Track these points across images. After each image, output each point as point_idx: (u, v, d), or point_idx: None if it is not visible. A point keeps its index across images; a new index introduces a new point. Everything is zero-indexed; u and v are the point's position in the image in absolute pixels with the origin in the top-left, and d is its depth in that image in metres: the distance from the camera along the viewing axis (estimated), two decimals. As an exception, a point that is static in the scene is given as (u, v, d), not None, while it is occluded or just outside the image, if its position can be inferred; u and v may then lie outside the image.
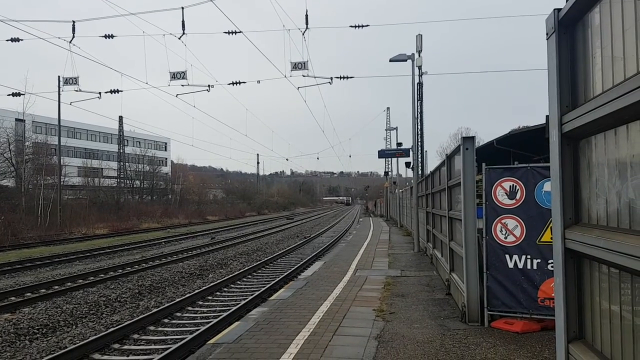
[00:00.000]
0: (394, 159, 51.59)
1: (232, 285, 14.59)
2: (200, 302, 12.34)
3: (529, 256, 7.26)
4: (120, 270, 17.39)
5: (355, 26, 21.15)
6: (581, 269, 2.48)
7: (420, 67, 23.26)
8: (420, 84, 26.95)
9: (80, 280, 15.47)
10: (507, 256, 7.39)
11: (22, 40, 21.72)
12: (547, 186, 7.05)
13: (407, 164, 27.45)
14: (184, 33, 20.61)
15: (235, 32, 20.68)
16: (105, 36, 21.99)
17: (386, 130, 57.32)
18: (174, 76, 23.41)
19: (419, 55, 21.71)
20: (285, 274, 15.59)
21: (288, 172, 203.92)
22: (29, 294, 13.39)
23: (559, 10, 2.51)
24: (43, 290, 13.91)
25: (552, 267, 6.86)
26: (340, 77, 23.96)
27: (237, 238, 31.23)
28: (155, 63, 31.06)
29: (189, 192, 77.53)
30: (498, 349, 6.56)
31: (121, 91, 25.59)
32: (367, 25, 21.08)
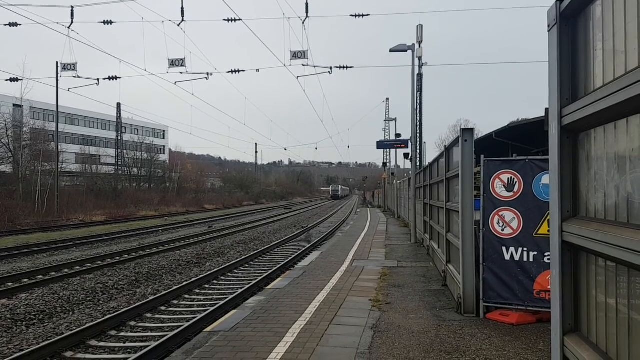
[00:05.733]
0: (393, 150, 51.58)
1: (229, 274, 14.63)
2: (197, 290, 12.38)
3: (525, 249, 7.29)
4: (118, 258, 17.41)
5: (356, 15, 21.05)
6: (578, 262, 2.48)
7: (420, 58, 23.18)
8: (420, 75, 26.86)
9: (77, 267, 15.49)
10: (504, 248, 7.41)
11: (20, 25, 21.60)
12: (545, 179, 7.05)
13: (406, 155, 27.45)
14: (183, 20, 20.51)
15: (235, 20, 20.56)
16: (104, 22, 21.86)
17: (385, 121, 57.27)
18: (173, 63, 23.30)
19: (419, 46, 21.61)
20: (282, 263, 15.63)
21: (286, 162, 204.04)
22: (26, 280, 13.41)
23: (561, 2, 2.49)
24: (40, 277, 13.93)
25: (548, 259, 6.89)
26: (340, 67, 23.86)
27: (235, 227, 31.27)
28: (154, 50, 30.89)
29: (187, 181, 77.50)
30: (493, 340, 6.60)
31: (119, 78, 25.49)
32: (368, 15, 20.98)
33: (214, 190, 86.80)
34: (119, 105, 66.47)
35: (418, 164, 24.77)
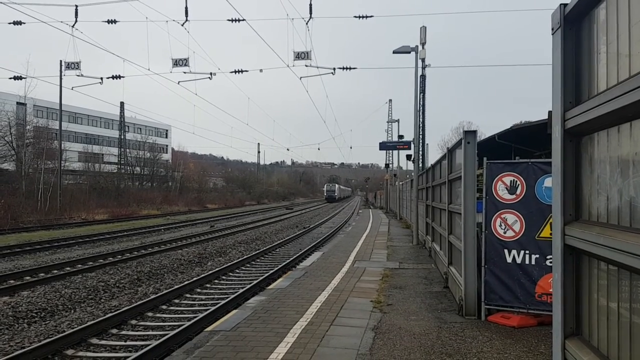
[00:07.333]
0: (395, 151, 51.53)
1: (231, 274, 14.63)
2: (199, 290, 12.39)
3: (527, 251, 7.28)
4: (120, 256, 17.44)
5: (360, 16, 21.04)
6: (580, 265, 2.48)
7: (423, 60, 23.19)
8: (423, 77, 26.88)
9: (79, 265, 15.53)
10: (506, 251, 7.40)
11: (24, 23, 21.65)
12: (547, 182, 7.05)
13: (408, 157, 27.45)
14: (187, 19, 20.55)
15: (239, 20, 20.59)
16: (108, 21, 21.91)
17: (388, 122, 57.20)
18: (176, 63, 23.37)
19: (423, 48, 21.64)
20: (284, 263, 15.63)
21: (289, 162, 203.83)
22: (28, 278, 13.44)
23: (565, 5, 2.49)
24: (42, 274, 13.96)
25: (550, 262, 6.88)
26: (343, 68, 23.87)
27: (237, 227, 31.28)
28: (158, 49, 30.92)
29: (189, 180, 77.58)
30: (494, 343, 6.60)
31: (123, 77, 25.56)
32: (371, 16, 20.97)
33: (216, 190, 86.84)
34: (122, 104, 66.56)
35: (420, 165, 24.77)
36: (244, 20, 20.68)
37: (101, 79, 25.66)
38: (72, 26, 20.91)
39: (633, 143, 1.97)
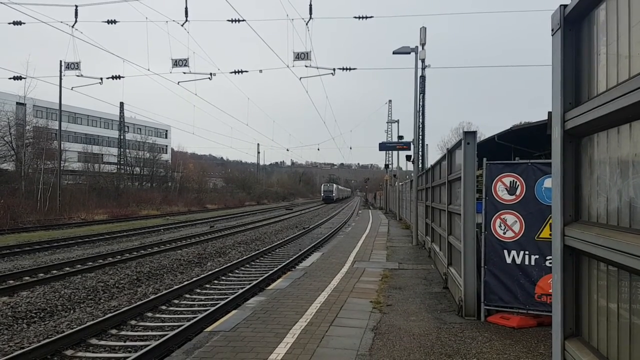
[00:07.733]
0: (395, 152, 51.50)
1: (230, 274, 14.63)
2: (198, 290, 12.39)
3: (527, 252, 7.28)
4: (119, 257, 17.43)
5: (359, 17, 21.04)
6: (580, 266, 2.48)
7: (423, 60, 23.18)
8: (422, 77, 26.87)
9: (79, 266, 15.52)
10: (505, 251, 7.40)
11: (24, 23, 21.65)
12: (547, 183, 7.05)
13: (408, 157, 27.48)
14: (187, 20, 20.55)
15: (239, 21, 20.60)
16: (108, 21, 21.92)
17: (388, 122, 57.18)
18: (176, 63, 23.38)
19: (423, 48, 21.63)
20: (284, 264, 15.62)
21: (288, 163, 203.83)
22: (27, 278, 13.43)
23: (565, 6, 2.49)
24: (41, 275, 13.96)
25: (550, 263, 6.88)
26: (343, 69, 23.88)
27: (236, 227, 31.27)
28: (157, 49, 30.92)
29: (189, 180, 77.56)
30: (494, 344, 6.60)
31: (123, 77, 25.56)
32: (371, 17, 20.97)
33: (216, 190, 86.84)
34: (122, 104, 66.51)
35: (420, 165, 24.77)
36: (244, 20, 20.70)
37: (101, 79, 25.67)
38: (72, 26, 20.93)
39: (633, 144, 1.97)
